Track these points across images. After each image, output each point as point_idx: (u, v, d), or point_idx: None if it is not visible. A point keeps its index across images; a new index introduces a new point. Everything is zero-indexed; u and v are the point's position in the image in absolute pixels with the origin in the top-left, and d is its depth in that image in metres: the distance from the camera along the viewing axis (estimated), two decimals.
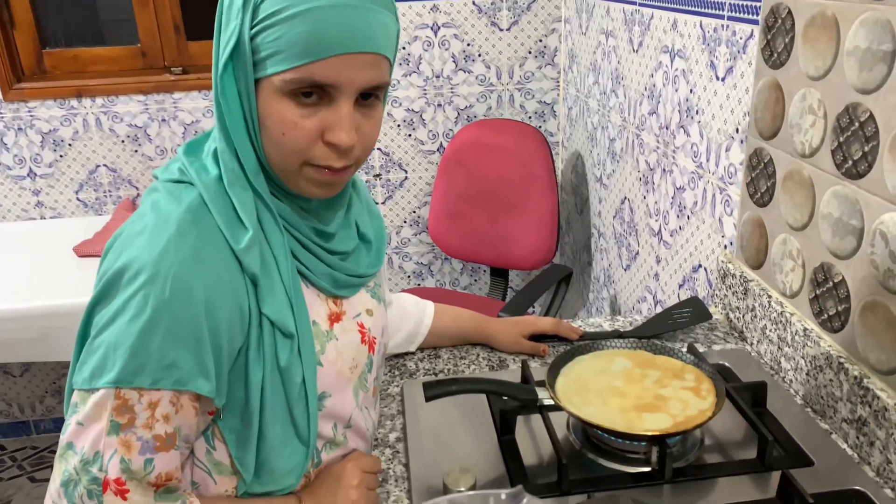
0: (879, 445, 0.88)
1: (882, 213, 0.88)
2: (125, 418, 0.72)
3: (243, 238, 0.75)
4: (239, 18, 0.70)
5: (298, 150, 0.74)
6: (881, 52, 0.86)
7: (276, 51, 0.69)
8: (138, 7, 2.31)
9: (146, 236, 0.73)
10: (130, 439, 0.72)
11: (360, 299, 0.92)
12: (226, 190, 0.76)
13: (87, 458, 0.72)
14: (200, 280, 0.72)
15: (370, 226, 0.93)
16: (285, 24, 0.68)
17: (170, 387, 0.72)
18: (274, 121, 0.72)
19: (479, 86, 2.43)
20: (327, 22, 0.68)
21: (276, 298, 0.77)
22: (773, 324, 1.12)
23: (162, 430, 0.73)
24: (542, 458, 0.94)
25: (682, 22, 1.46)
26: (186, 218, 0.74)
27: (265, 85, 0.72)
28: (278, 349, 0.78)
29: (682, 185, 1.51)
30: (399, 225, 2.59)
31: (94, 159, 2.38)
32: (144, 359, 0.70)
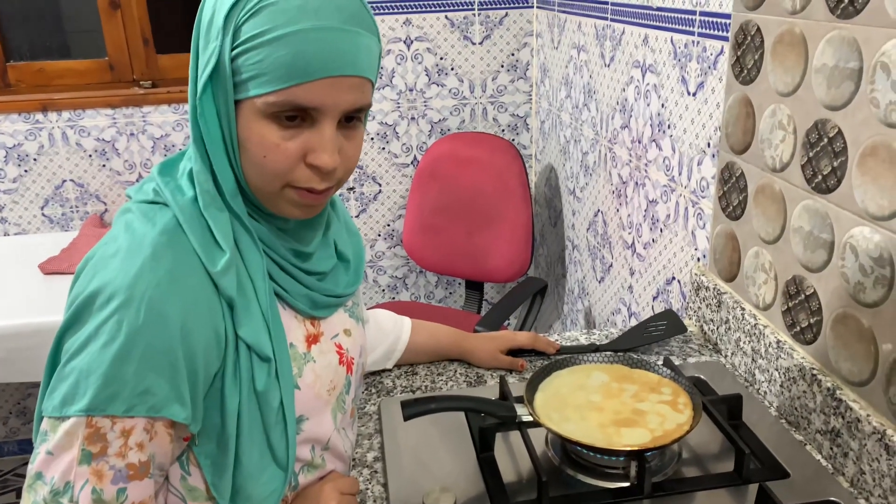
0: (853, 456, 0.89)
1: (852, 227, 0.89)
2: (97, 447, 0.70)
3: (219, 261, 0.73)
4: (219, 39, 0.68)
5: (280, 173, 0.73)
6: (848, 70, 0.87)
7: (259, 73, 0.68)
8: (105, 19, 2.28)
9: (119, 259, 0.71)
10: (102, 468, 0.70)
11: (338, 319, 0.91)
12: (201, 212, 0.75)
13: (58, 488, 0.70)
14: (176, 304, 0.70)
15: (349, 244, 0.93)
16: (268, 46, 0.67)
17: (144, 413, 0.70)
18: (255, 143, 0.71)
19: (453, 99, 2.43)
20: (312, 45, 0.67)
21: (252, 321, 0.76)
22: (746, 336, 1.14)
23: (136, 458, 0.71)
24: (522, 475, 0.94)
25: (653, 37, 1.47)
26: (161, 240, 0.72)
27: (246, 106, 0.71)
28: (255, 373, 0.77)
29: (654, 198, 1.53)
30: (373, 238, 2.58)
31: (61, 174, 2.34)
32: (118, 386, 0.68)
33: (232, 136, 0.72)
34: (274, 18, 0.67)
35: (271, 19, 0.67)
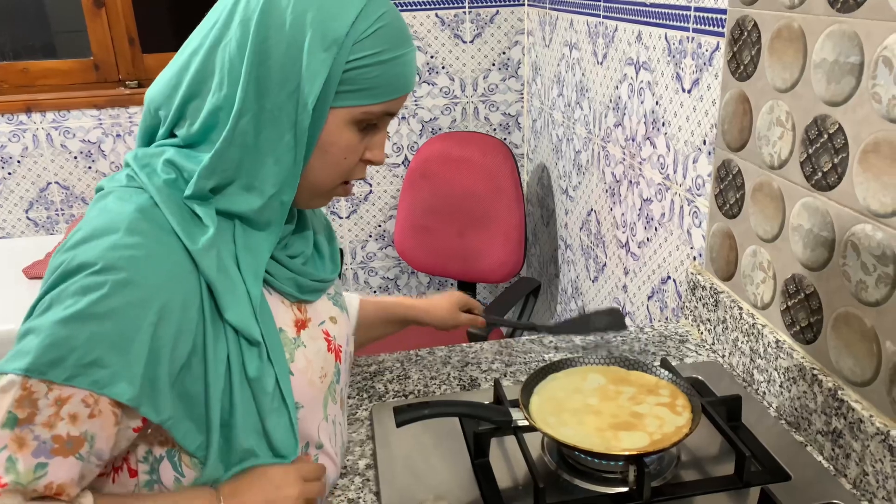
0: (855, 457, 0.88)
1: (853, 224, 0.87)
2: (25, 412, 0.64)
3: (201, 238, 0.71)
4: (333, 52, 0.71)
5: (348, 171, 0.79)
6: (849, 65, 0.86)
7: (370, 87, 0.74)
8: (90, 19, 2.24)
9: (93, 237, 0.68)
10: (26, 436, 0.65)
11: (323, 307, 0.88)
12: (180, 195, 0.73)
13: None
14: (147, 280, 0.67)
15: (322, 229, 0.92)
16: (384, 65, 0.74)
17: (86, 386, 0.65)
18: (341, 147, 0.76)
19: (444, 98, 2.41)
20: (409, 66, 0.77)
21: (238, 304, 0.73)
22: (744, 336, 1.12)
23: (65, 430, 0.66)
24: (518, 481, 0.92)
25: (646, 34, 1.46)
26: (136, 217, 0.70)
27: (338, 114, 0.75)
28: (245, 359, 0.73)
29: (648, 196, 1.51)
30: (364, 239, 2.55)
31: (45, 176, 2.30)
32: (64, 351, 0.64)
33: (312, 139, 0.75)
34: (388, 41, 0.74)
35: (385, 41, 0.73)
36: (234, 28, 0.72)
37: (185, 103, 0.74)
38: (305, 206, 0.82)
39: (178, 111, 0.75)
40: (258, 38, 0.71)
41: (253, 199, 0.74)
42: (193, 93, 0.74)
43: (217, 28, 0.73)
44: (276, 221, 0.77)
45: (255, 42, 0.71)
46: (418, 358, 1.24)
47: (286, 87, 0.72)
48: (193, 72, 0.73)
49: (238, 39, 0.71)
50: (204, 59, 0.73)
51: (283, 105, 0.72)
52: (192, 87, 0.74)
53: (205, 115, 0.73)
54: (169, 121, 0.75)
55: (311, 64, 0.71)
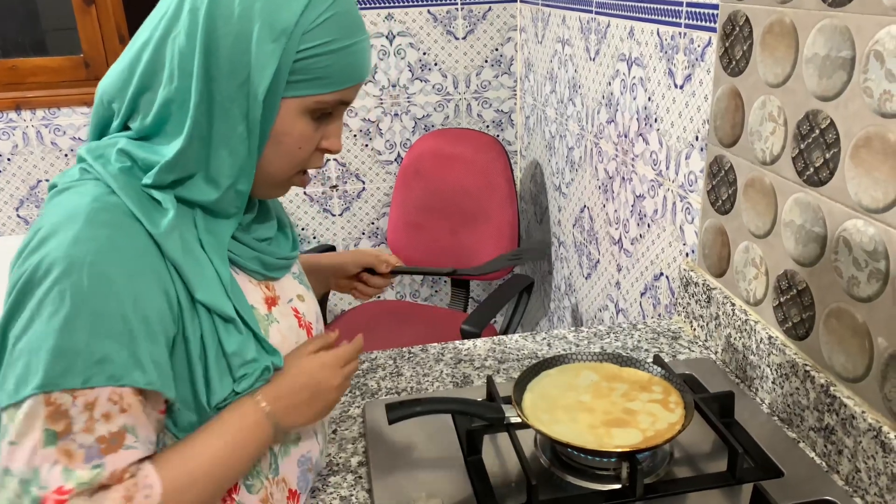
0: (848, 454, 0.88)
1: (845, 220, 0.87)
2: (61, 425, 0.64)
3: (162, 221, 0.71)
4: (282, 43, 0.71)
5: (304, 160, 0.80)
6: (840, 59, 0.86)
7: (322, 76, 0.74)
8: (80, 15, 2.23)
9: (53, 235, 0.67)
10: (71, 448, 0.65)
11: (290, 285, 0.89)
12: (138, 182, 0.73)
13: (27, 477, 0.64)
14: (120, 268, 0.67)
15: (283, 213, 0.94)
16: (335, 54, 0.74)
17: (104, 383, 0.65)
18: (294, 137, 0.77)
19: (436, 95, 2.40)
20: (362, 54, 0.77)
21: (208, 284, 0.73)
22: (737, 332, 1.12)
23: (104, 430, 0.66)
24: (511, 478, 0.91)
25: (639, 30, 1.45)
26: (95, 207, 0.69)
27: (291, 104, 0.75)
28: (221, 336, 0.73)
29: (641, 193, 1.51)
30: (357, 237, 2.54)
31: (36, 174, 2.28)
32: (71, 357, 0.64)
33: (266, 129, 0.75)
34: (338, 30, 0.74)
35: (336, 31, 0.74)
36: (183, 19, 0.71)
37: (137, 96, 0.74)
38: (264, 197, 0.83)
39: (131, 104, 0.74)
40: (207, 30, 0.70)
41: (210, 191, 0.75)
42: (145, 85, 0.73)
43: (166, 19, 0.73)
44: (235, 211, 0.78)
45: (203, 33, 0.70)
46: (411, 355, 1.23)
47: (236, 78, 0.71)
48: (144, 64, 0.73)
49: (187, 31, 0.71)
50: (154, 51, 0.73)
51: (234, 96, 0.72)
52: (144, 80, 0.73)
53: (157, 108, 0.73)
54: (122, 113, 0.75)
55: (260, 55, 0.71)
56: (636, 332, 1.28)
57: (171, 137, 0.73)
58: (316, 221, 2.50)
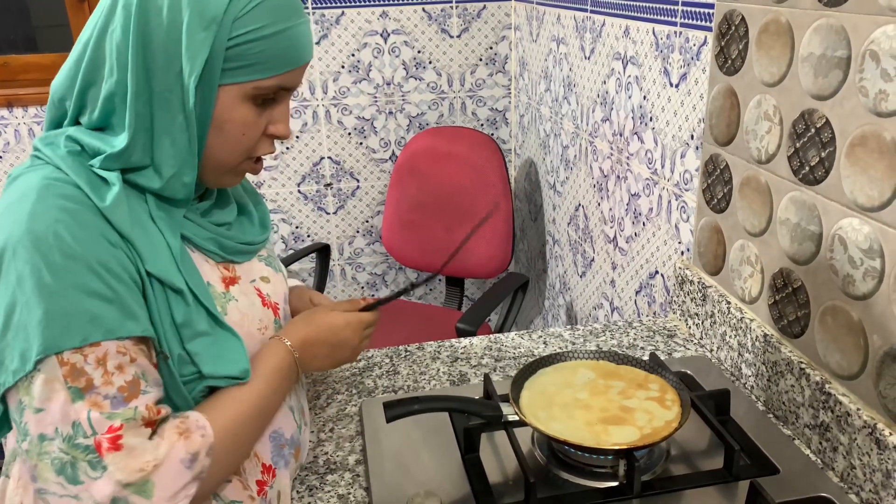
0: (843, 451, 0.88)
1: (840, 218, 0.88)
2: (82, 381, 0.67)
3: (108, 195, 0.73)
4: (213, 30, 0.72)
5: (250, 147, 0.80)
6: (836, 59, 0.86)
7: (256, 62, 0.75)
8: (73, 12, 2.21)
9: (8, 214, 0.69)
10: (98, 400, 0.67)
11: (254, 267, 0.90)
12: (85, 161, 0.75)
13: (68, 434, 0.67)
14: (80, 233, 0.69)
15: (248, 194, 0.95)
16: (268, 39, 0.74)
17: (102, 338, 0.68)
18: (237, 123, 0.77)
19: (431, 93, 2.40)
20: (298, 38, 0.77)
21: (158, 256, 0.74)
22: (732, 330, 1.12)
23: (121, 381, 0.69)
24: (508, 476, 0.92)
25: (634, 29, 1.46)
26: (44, 184, 0.71)
27: (229, 91, 0.75)
28: (172, 306, 0.75)
29: (636, 191, 1.51)
30: (352, 235, 2.54)
31: None
32: (64, 319, 0.66)
33: (206, 118, 0.76)
34: (270, 15, 0.74)
35: (267, 16, 0.74)
36: (118, 14, 0.73)
37: (83, 92, 0.76)
38: (216, 185, 0.84)
39: (79, 100, 0.76)
40: (139, 23, 0.72)
41: (155, 179, 0.76)
42: (90, 81, 0.75)
43: (104, 15, 0.74)
44: (183, 198, 0.79)
45: (136, 26, 0.72)
46: (407, 353, 1.23)
47: (172, 68, 0.73)
48: (87, 61, 0.75)
49: (122, 25, 0.72)
50: (95, 46, 0.74)
51: (171, 86, 0.73)
52: (88, 76, 0.75)
53: (101, 102, 0.75)
54: (72, 110, 0.77)
55: (192, 44, 0.72)
56: (632, 330, 1.29)
57: (118, 129, 0.75)
58: (310, 220, 2.49)
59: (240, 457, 0.79)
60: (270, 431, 0.85)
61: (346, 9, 2.25)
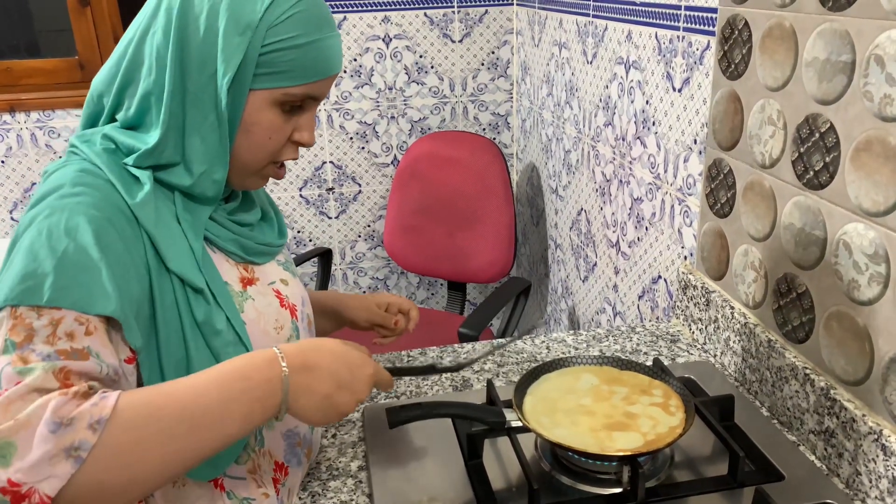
0: (848, 457, 0.88)
1: (845, 223, 0.87)
2: (21, 336, 0.64)
3: (139, 193, 0.75)
4: (248, 36, 0.76)
5: (274, 151, 0.83)
6: (840, 63, 0.86)
7: (287, 70, 0.78)
8: (75, 16, 2.22)
9: (43, 199, 0.71)
10: (28, 356, 0.63)
11: (272, 269, 0.91)
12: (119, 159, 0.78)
13: None
14: (96, 214, 0.70)
15: (268, 204, 0.97)
16: (300, 49, 0.78)
17: (68, 306, 0.65)
18: (263, 127, 0.80)
19: (433, 98, 2.40)
20: (328, 50, 0.80)
21: (180, 255, 0.76)
22: (736, 335, 1.12)
23: (66, 346, 0.64)
24: (512, 482, 0.91)
25: (636, 33, 1.46)
26: (78, 175, 0.74)
27: (259, 95, 0.79)
28: (192, 306, 0.76)
29: (639, 196, 1.51)
30: (353, 239, 2.54)
31: (30, 177, 2.27)
32: (38, 279, 0.65)
33: (235, 120, 0.79)
34: (303, 26, 0.78)
35: (301, 26, 0.78)
36: (160, 17, 0.77)
37: (122, 90, 0.80)
38: (240, 187, 0.86)
39: (117, 98, 0.80)
40: (179, 25, 0.76)
41: (186, 176, 0.79)
42: (128, 80, 0.79)
43: (147, 18, 0.79)
44: (212, 196, 0.81)
45: (176, 29, 0.76)
46: (410, 359, 1.23)
47: (206, 69, 0.77)
48: (127, 60, 0.79)
49: (163, 27, 0.77)
50: (136, 47, 0.79)
51: (204, 87, 0.77)
52: (127, 75, 0.79)
53: (138, 100, 0.78)
54: (109, 107, 0.81)
55: (227, 47, 0.76)
56: (635, 335, 1.28)
57: (151, 127, 0.78)
58: (312, 224, 2.49)
59: (144, 459, 0.61)
60: (285, 430, 0.86)
61: (348, 13, 2.25)
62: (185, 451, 0.64)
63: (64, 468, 0.57)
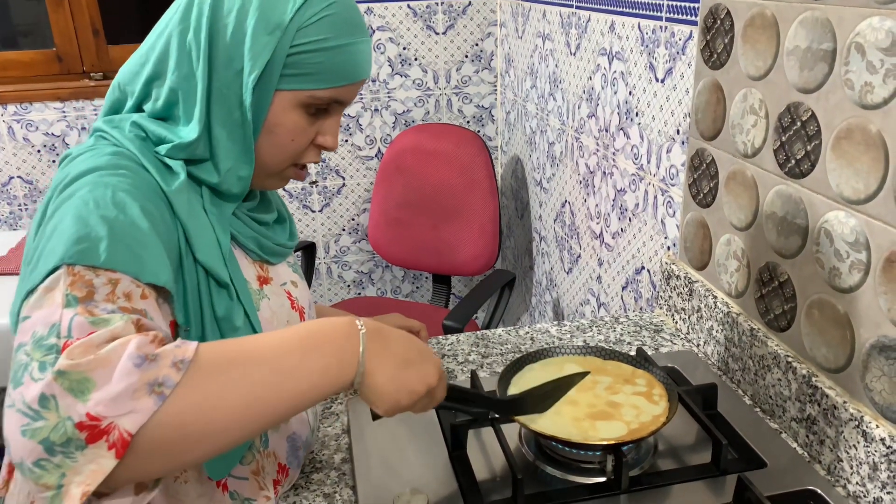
0: (829, 444, 0.88)
1: (826, 211, 0.88)
2: (83, 292, 0.60)
3: (173, 182, 0.75)
4: (277, 36, 0.75)
5: (297, 153, 0.83)
6: (821, 52, 0.86)
7: (314, 72, 0.77)
8: (53, 9, 2.18)
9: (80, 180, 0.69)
10: (93, 309, 0.59)
11: (284, 271, 0.92)
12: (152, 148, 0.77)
13: (41, 335, 0.57)
14: (137, 195, 0.69)
15: (281, 205, 0.97)
16: (329, 52, 0.77)
17: (123, 270, 0.63)
18: (287, 128, 0.80)
19: (417, 90, 2.39)
20: (358, 55, 0.80)
21: (208, 248, 0.76)
22: (719, 324, 1.12)
23: (127, 305, 0.62)
24: (496, 472, 0.91)
25: (619, 24, 1.45)
26: (114, 158, 0.73)
27: (284, 97, 0.78)
28: (214, 299, 0.76)
29: (622, 187, 1.51)
30: (337, 233, 2.52)
31: (7, 171, 2.23)
32: (93, 242, 0.63)
33: (260, 119, 0.78)
34: (333, 29, 0.77)
35: (330, 29, 0.77)
36: (192, 13, 0.77)
37: (149, 82, 0.79)
38: (261, 187, 0.86)
39: (144, 89, 0.79)
40: (210, 22, 0.76)
41: (213, 173, 0.79)
42: (157, 72, 0.79)
43: (179, 13, 0.78)
44: (238, 192, 0.82)
45: (207, 25, 0.76)
46: None
47: (233, 66, 0.77)
48: (157, 53, 0.79)
49: (194, 23, 0.77)
50: (166, 41, 0.78)
51: (231, 83, 0.77)
52: (156, 68, 0.79)
53: (166, 94, 0.78)
54: (136, 97, 0.80)
55: (255, 45, 0.76)
56: (618, 325, 1.29)
57: (178, 121, 0.78)
58: (296, 218, 2.47)
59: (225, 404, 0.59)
60: (289, 433, 0.87)
61: None
62: (265, 400, 0.61)
63: (146, 403, 0.55)
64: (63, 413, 0.52)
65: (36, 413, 0.53)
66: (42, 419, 0.52)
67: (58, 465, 0.52)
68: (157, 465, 0.57)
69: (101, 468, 0.53)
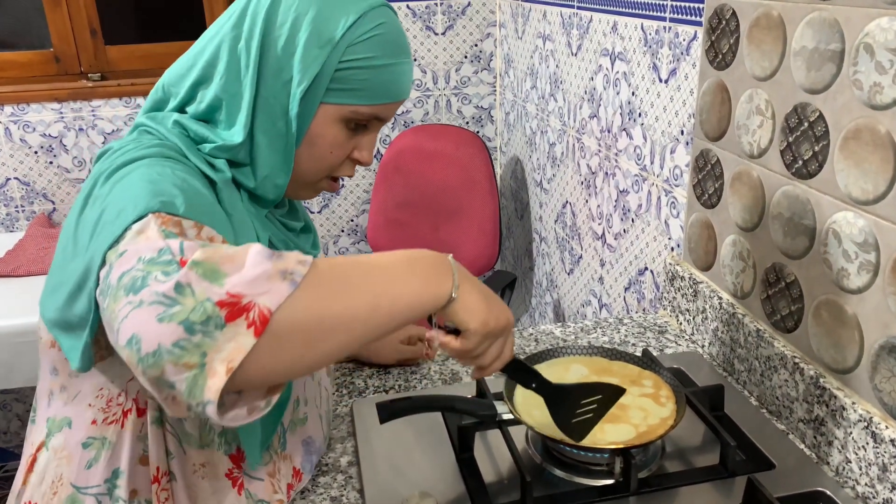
0: (838, 445, 0.88)
1: (834, 212, 0.88)
2: (177, 229, 0.62)
3: (220, 176, 0.77)
4: (328, 50, 0.77)
5: (333, 166, 0.84)
6: (829, 52, 0.86)
7: (360, 88, 0.79)
8: (50, 9, 2.17)
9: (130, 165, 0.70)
10: (192, 245, 0.59)
11: None
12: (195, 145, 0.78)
13: (151, 256, 0.57)
14: (198, 180, 0.73)
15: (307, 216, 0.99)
16: (375, 70, 0.79)
17: (201, 220, 0.66)
18: (327, 140, 0.81)
19: (416, 91, 2.39)
20: (401, 75, 0.82)
21: (251, 241, 0.76)
22: (724, 325, 1.12)
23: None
24: (503, 475, 0.90)
25: (622, 24, 1.45)
26: (161, 148, 0.74)
27: (328, 110, 0.80)
28: None
29: (625, 188, 1.51)
30: (336, 234, 2.52)
31: (4, 172, 2.22)
32: (170, 196, 0.65)
33: (302, 130, 0.80)
34: (381, 48, 0.79)
35: (379, 48, 0.79)
36: (244, 22, 0.79)
37: (195, 86, 0.80)
38: (293, 196, 0.88)
39: (190, 92, 0.81)
40: (263, 33, 0.78)
41: (251, 178, 0.81)
42: (204, 76, 0.80)
43: (231, 21, 0.80)
44: (271, 201, 0.83)
45: (260, 35, 0.78)
46: None
47: (281, 77, 0.78)
48: (206, 58, 0.80)
49: (247, 32, 0.78)
50: (217, 47, 0.79)
51: (277, 94, 0.78)
52: (204, 72, 0.80)
53: (211, 98, 0.79)
54: (180, 99, 0.81)
55: (306, 58, 0.77)
56: (622, 326, 1.28)
57: (218, 125, 0.80)
58: None
59: (348, 294, 0.62)
60: (305, 437, 0.88)
61: None
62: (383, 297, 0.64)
63: (282, 286, 0.57)
64: (201, 296, 0.54)
65: (172, 300, 0.54)
66: (178, 304, 0.53)
67: (197, 345, 0.53)
68: (290, 353, 0.58)
69: (240, 346, 0.54)
